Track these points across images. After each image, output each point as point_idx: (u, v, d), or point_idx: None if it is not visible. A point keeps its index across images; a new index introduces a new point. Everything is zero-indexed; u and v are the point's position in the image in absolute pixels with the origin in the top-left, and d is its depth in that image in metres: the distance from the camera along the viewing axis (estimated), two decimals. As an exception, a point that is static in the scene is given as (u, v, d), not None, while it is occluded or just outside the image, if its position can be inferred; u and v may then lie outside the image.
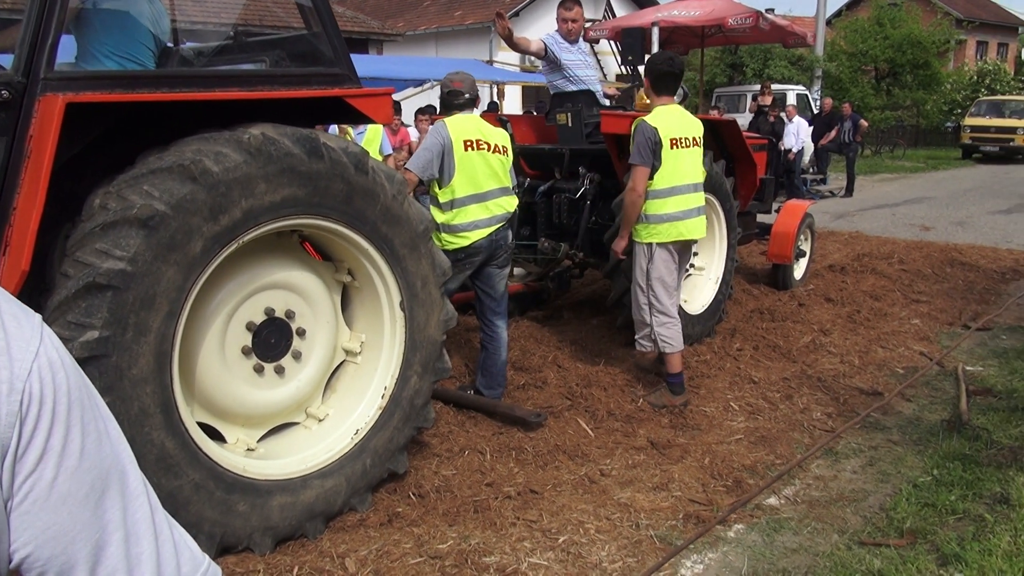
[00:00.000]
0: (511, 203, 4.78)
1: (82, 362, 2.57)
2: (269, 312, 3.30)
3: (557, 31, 6.21)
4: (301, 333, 3.44)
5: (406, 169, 4.54)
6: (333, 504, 3.42)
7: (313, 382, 3.54)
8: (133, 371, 2.70)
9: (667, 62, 4.86)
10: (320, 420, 3.60)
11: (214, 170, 2.81)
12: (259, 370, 3.31)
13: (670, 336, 4.90)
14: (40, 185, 2.62)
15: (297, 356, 3.45)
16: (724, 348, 6.02)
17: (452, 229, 4.57)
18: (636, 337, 5.07)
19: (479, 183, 4.58)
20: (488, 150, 4.61)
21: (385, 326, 3.60)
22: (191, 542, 0.83)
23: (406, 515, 3.61)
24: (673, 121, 4.80)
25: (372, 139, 8.67)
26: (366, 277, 3.55)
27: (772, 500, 3.87)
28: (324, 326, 3.52)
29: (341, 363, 3.73)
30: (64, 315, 2.62)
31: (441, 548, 3.32)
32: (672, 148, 4.76)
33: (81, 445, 0.70)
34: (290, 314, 3.38)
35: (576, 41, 6.23)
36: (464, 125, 4.59)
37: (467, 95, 4.69)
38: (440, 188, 4.57)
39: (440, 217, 4.58)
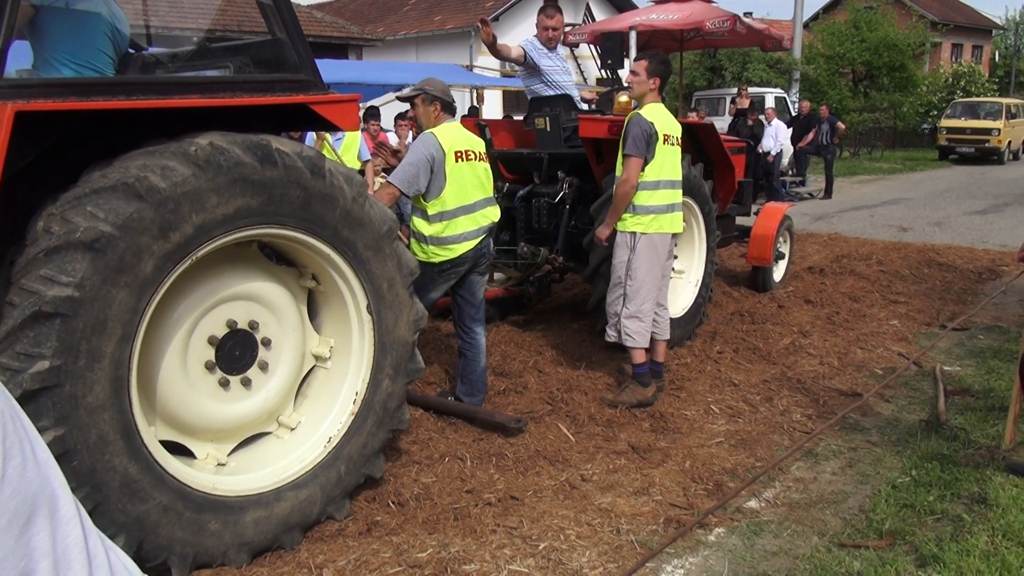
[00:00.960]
0: (495, 213, 4.75)
1: (34, 393, 2.51)
2: (231, 324, 3.22)
3: (536, 37, 6.22)
4: (266, 343, 3.37)
5: (388, 183, 4.46)
6: (309, 514, 3.38)
7: (282, 391, 3.47)
8: (88, 399, 2.62)
9: (669, 64, 5.13)
10: (292, 429, 3.54)
11: (161, 186, 2.71)
12: (224, 384, 3.24)
13: (635, 330, 4.95)
14: None
15: (264, 367, 3.37)
16: (704, 351, 6.03)
17: (441, 242, 4.50)
18: (606, 327, 5.12)
19: (468, 194, 4.53)
20: (475, 159, 4.57)
21: (353, 330, 3.54)
22: (131, 565, 0.80)
23: (385, 524, 3.58)
24: (665, 118, 4.97)
25: (350, 145, 8.63)
26: (330, 282, 3.48)
27: (752, 503, 3.87)
28: (290, 334, 3.45)
29: (312, 369, 3.67)
30: (12, 346, 2.52)
31: (420, 557, 3.29)
32: (664, 143, 4.91)
33: (1, 471, 0.67)
34: (254, 325, 3.30)
35: (555, 48, 6.25)
36: (454, 136, 4.52)
37: (452, 103, 4.65)
38: (428, 200, 4.48)
39: (427, 230, 4.50)
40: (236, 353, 3.26)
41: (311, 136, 8.09)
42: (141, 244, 2.69)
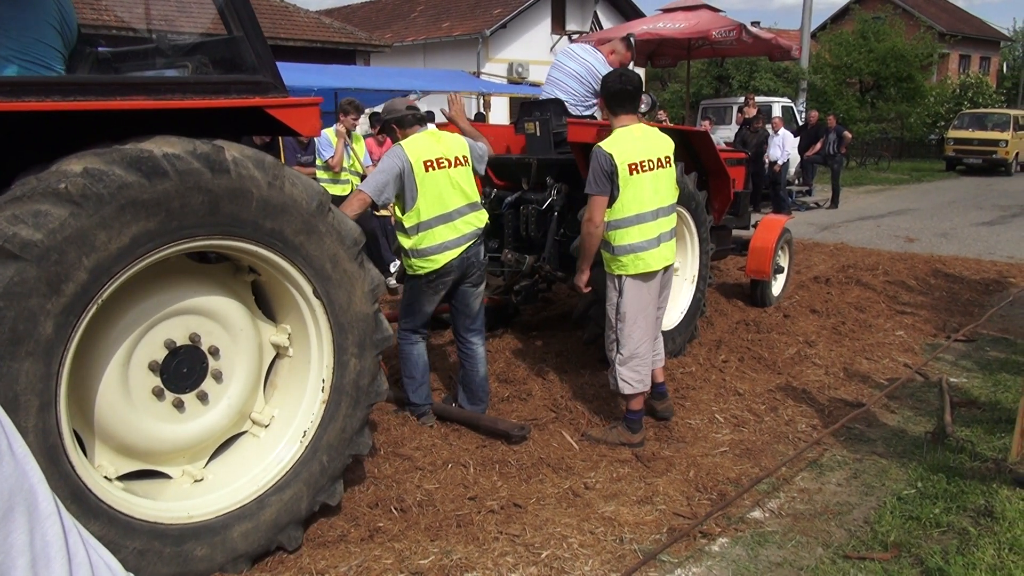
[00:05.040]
0: (480, 219, 4.65)
1: None
2: (170, 345, 2.99)
3: (606, 59, 6.23)
4: (214, 352, 3.14)
5: (359, 190, 4.37)
6: (298, 511, 3.28)
7: (245, 393, 3.30)
8: None
9: (619, 79, 4.50)
10: (266, 425, 3.39)
11: (36, 239, 2.39)
12: (179, 405, 3.06)
13: (630, 378, 4.52)
14: None
15: (217, 376, 3.17)
16: (709, 360, 6.01)
17: (420, 253, 4.45)
18: (608, 373, 4.70)
19: (445, 202, 4.46)
20: (450, 166, 4.48)
21: (306, 319, 3.31)
22: (113, 563, 0.80)
23: (387, 530, 3.57)
24: (633, 144, 4.38)
25: (358, 150, 8.65)
26: (269, 274, 3.25)
27: (756, 513, 3.85)
28: (240, 336, 3.22)
29: (275, 359, 3.48)
30: None
31: (423, 564, 3.27)
32: (632, 174, 4.35)
33: None
34: (195, 337, 3.07)
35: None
36: (423, 145, 4.45)
37: (414, 113, 4.60)
38: (404, 212, 4.44)
39: (407, 242, 4.46)
40: (184, 371, 3.05)
41: (328, 140, 8.10)
42: (32, 307, 2.41)
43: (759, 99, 18.09)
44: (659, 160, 4.48)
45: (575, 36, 10.72)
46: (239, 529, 3.07)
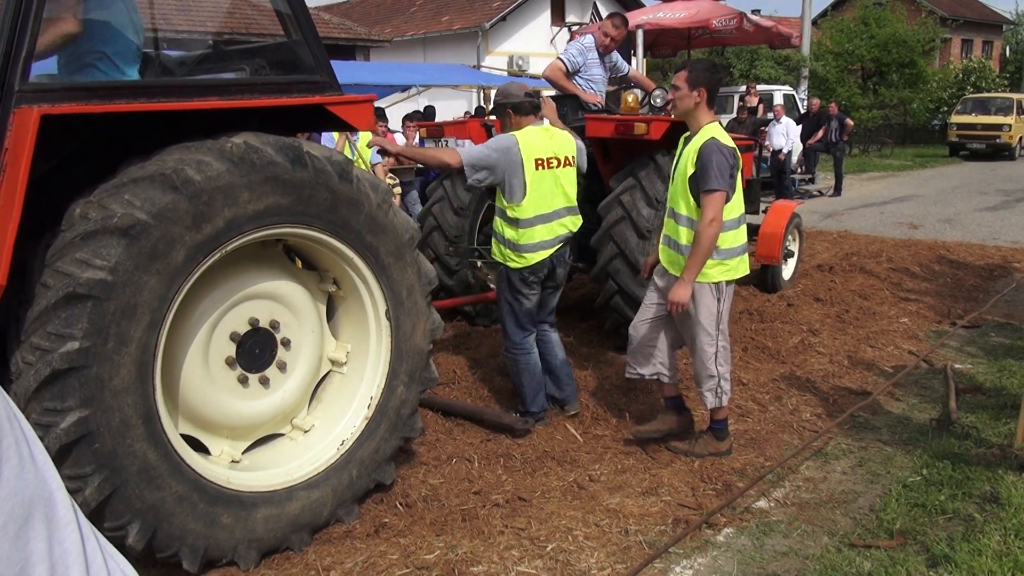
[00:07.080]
0: (575, 222, 4.59)
1: (62, 373, 2.57)
2: (253, 322, 3.28)
3: (594, 37, 6.27)
4: (286, 343, 3.42)
5: (455, 151, 4.31)
6: (319, 516, 3.39)
7: (298, 393, 3.52)
8: (114, 382, 2.68)
9: (716, 70, 4.17)
10: (306, 431, 3.57)
11: (196, 179, 2.79)
12: (243, 381, 3.29)
13: (729, 389, 4.30)
14: (16, 199, 2.60)
15: (282, 367, 3.42)
16: (713, 350, 6.00)
17: (518, 248, 4.42)
18: (702, 390, 4.26)
19: (548, 203, 4.40)
20: (559, 166, 4.42)
21: (371, 336, 3.59)
22: (129, 569, 0.80)
23: (393, 525, 3.58)
24: (731, 142, 4.07)
25: (363, 149, 8.65)
26: (351, 286, 3.53)
27: (762, 503, 3.85)
28: (309, 336, 3.50)
29: (327, 373, 3.71)
30: (44, 326, 2.60)
31: (428, 558, 3.28)
32: (738, 172, 4.09)
33: None
34: (275, 324, 3.36)
35: (605, 56, 6.40)
36: (537, 141, 4.36)
37: (531, 101, 4.43)
38: (508, 203, 4.38)
39: (508, 232, 4.43)
40: (256, 351, 3.32)
41: (328, 137, 8.10)
42: (174, 234, 2.77)
43: (760, 87, 18.04)
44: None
45: (575, 28, 10.70)
46: (264, 512, 3.18)
